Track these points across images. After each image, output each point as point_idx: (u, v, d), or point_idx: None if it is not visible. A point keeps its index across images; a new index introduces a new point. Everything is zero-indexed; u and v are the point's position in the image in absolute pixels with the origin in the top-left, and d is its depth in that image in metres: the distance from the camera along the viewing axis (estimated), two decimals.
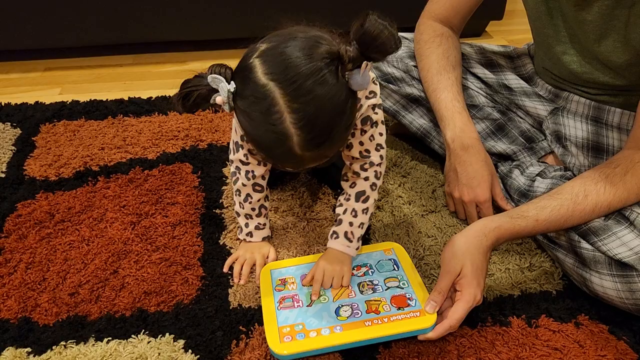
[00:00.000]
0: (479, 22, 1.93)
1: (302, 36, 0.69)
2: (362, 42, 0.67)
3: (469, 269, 0.81)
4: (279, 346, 0.80)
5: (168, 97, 1.51)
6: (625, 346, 0.84)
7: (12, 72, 1.72)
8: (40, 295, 0.92)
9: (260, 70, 0.68)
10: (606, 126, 1.03)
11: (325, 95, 0.67)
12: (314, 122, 0.68)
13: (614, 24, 0.92)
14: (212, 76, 0.71)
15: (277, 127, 0.68)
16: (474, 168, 1.02)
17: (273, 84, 0.67)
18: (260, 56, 0.69)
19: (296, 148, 0.69)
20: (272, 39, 0.71)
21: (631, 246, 0.82)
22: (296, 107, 0.67)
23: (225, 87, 0.70)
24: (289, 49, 0.68)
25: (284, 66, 0.67)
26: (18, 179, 1.19)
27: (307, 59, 0.67)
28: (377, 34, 0.66)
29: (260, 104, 0.68)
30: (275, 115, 0.67)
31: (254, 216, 0.97)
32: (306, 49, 0.68)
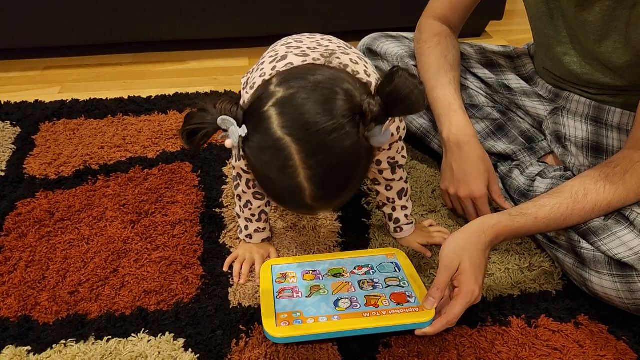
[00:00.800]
0: (479, 22, 1.93)
1: (321, 83, 0.65)
2: (389, 100, 0.63)
3: (467, 264, 0.81)
4: (275, 329, 0.79)
5: (168, 96, 1.51)
6: (625, 346, 0.84)
7: (11, 70, 1.72)
8: (40, 293, 0.92)
9: (276, 122, 0.63)
10: (606, 126, 1.03)
11: (342, 153, 0.64)
12: (329, 178, 0.66)
13: (615, 24, 0.93)
14: (222, 118, 0.65)
15: (291, 180, 0.65)
16: (470, 164, 1.02)
17: (290, 139, 0.63)
18: (276, 105, 0.64)
19: (308, 200, 0.66)
20: (290, 84, 0.66)
21: (631, 246, 0.82)
22: (312, 164, 0.63)
23: (237, 132, 0.65)
24: (308, 102, 0.63)
25: (302, 121, 0.63)
26: (18, 177, 1.19)
27: (327, 115, 0.62)
28: (408, 94, 0.62)
29: (274, 156, 0.64)
30: (289, 169, 0.64)
31: (254, 221, 0.97)
32: (327, 102, 0.63)
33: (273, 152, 0.64)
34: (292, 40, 0.88)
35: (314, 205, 0.68)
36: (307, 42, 0.86)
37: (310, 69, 0.69)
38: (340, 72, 0.70)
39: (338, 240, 1.03)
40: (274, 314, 0.82)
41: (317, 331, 0.80)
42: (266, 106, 0.64)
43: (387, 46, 1.22)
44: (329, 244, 1.02)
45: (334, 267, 0.93)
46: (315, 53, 0.80)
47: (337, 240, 1.03)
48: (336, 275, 0.91)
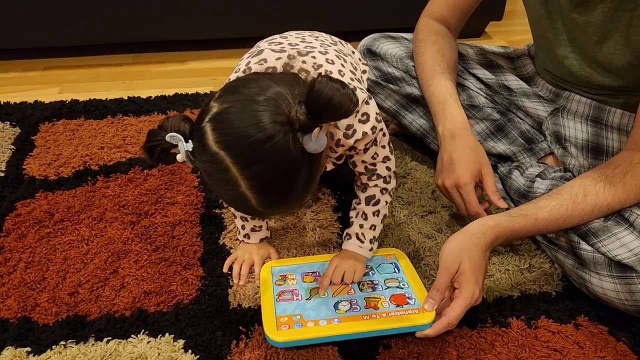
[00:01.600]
0: (479, 22, 1.93)
1: (255, 99, 0.67)
2: (313, 107, 0.63)
3: (467, 266, 0.81)
4: (276, 333, 0.80)
5: (168, 96, 1.51)
6: (625, 347, 0.84)
7: (11, 71, 1.72)
8: (39, 294, 0.92)
9: (211, 137, 0.66)
10: (606, 127, 1.03)
11: (277, 162, 0.66)
12: (269, 187, 0.68)
13: (616, 25, 0.93)
14: (170, 135, 0.69)
15: (234, 191, 0.67)
16: (458, 154, 0.99)
17: (224, 154, 0.65)
18: (211, 121, 0.67)
19: (257, 207, 0.69)
20: (224, 99, 0.68)
21: (631, 247, 0.82)
22: (248, 175, 0.66)
23: (183, 147, 0.69)
24: (238, 116, 0.66)
25: (233, 136, 0.65)
26: (17, 178, 1.19)
27: (256, 127, 0.64)
28: (329, 99, 0.62)
29: (214, 169, 0.67)
30: (230, 181, 0.67)
31: (249, 219, 0.97)
32: (256, 116, 0.65)
33: (212, 165, 0.67)
34: (277, 36, 0.89)
35: (266, 211, 0.71)
36: (291, 38, 0.86)
37: (248, 81, 0.71)
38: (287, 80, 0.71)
39: (338, 242, 1.03)
40: (274, 318, 0.82)
41: (317, 335, 0.80)
42: (203, 122, 0.67)
43: (387, 47, 1.22)
44: (328, 245, 1.02)
45: None
46: (293, 50, 0.81)
47: (337, 241, 1.03)
48: None
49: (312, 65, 0.79)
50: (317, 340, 0.81)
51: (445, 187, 1.00)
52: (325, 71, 0.79)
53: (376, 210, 0.91)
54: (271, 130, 0.64)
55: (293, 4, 1.71)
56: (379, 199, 0.91)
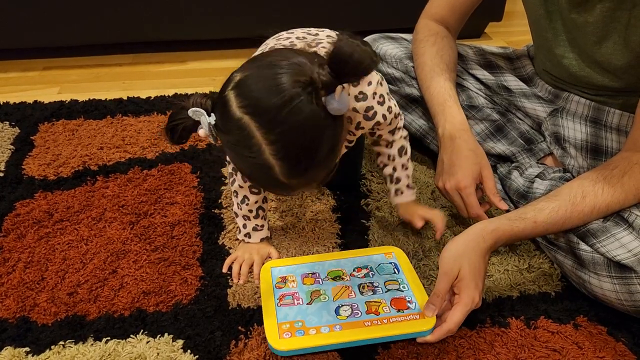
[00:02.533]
0: (478, 23, 1.94)
1: (277, 64, 0.67)
2: (335, 65, 0.64)
3: (467, 271, 0.81)
4: (278, 342, 0.80)
5: (167, 96, 1.51)
6: (624, 347, 0.84)
7: (10, 71, 1.71)
8: (38, 294, 0.92)
9: (234, 103, 0.67)
10: (605, 128, 1.03)
11: (301, 124, 0.66)
12: (294, 151, 0.67)
13: (615, 25, 0.93)
14: (192, 110, 0.70)
15: (258, 159, 0.67)
16: (458, 156, 0.99)
17: (248, 117, 0.66)
18: (234, 88, 0.68)
19: (281, 177, 0.69)
20: (247, 68, 0.70)
21: (630, 248, 0.82)
22: (273, 139, 0.66)
23: (206, 120, 0.69)
24: (261, 80, 0.67)
25: (256, 98, 0.66)
26: (17, 178, 1.19)
27: (279, 88, 0.65)
28: (350, 55, 0.63)
29: (238, 137, 0.67)
30: (254, 148, 0.66)
31: (252, 217, 0.97)
32: (278, 78, 0.66)
33: (237, 132, 0.67)
34: (283, 33, 0.90)
35: (289, 182, 0.70)
36: (297, 33, 0.88)
37: (269, 53, 0.72)
38: (302, 51, 0.72)
39: (337, 242, 1.03)
40: (276, 324, 0.82)
41: (319, 343, 0.80)
42: (226, 90, 0.69)
43: (386, 47, 1.22)
44: (328, 245, 1.02)
45: (333, 269, 0.93)
46: (301, 42, 0.82)
47: (336, 241, 1.03)
48: (336, 278, 0.91)
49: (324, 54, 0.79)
50: (319, 348, 0.81)
51: (446, 190, 1.01)
52: None
53: (407, 157, 0.98)
54: (294, 91, 0.65)
55: (292, 5, 1.72)
56: (406, 147, 0.98)
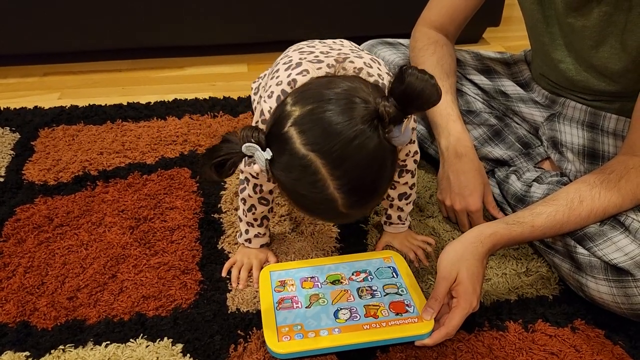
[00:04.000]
0: (476, 28, 1.94)
1: (335, 95, 0.66)
2: (403, 99, 0.63)
3: (464, 275, 0.82)
4: (277, 345, 0.80)
5: (167, 102, 1.51)
6: (622, 351, 0.84)
7: (11, 76, 1.72)
8: (38, 299, 0.92)
9: (298, 141, 0.65)
10: (602, 132, 1.04)
11: (367, 158, 0.65)
12: (358, 185, 0.67)
13: (611, 30, 0.94)
14: (246, 146, 0.67)
15: (321, 194, 0.66)
16: (467, 177, 1.03)
17: (314, 155, 0.64)
18: (295, 124, 0.66)
19: (342, 209, 0.68)
20: (304, 100, 0.67)
21: (626, 251, 0.83)
22: (339, 174, 0.65)
23: (262, 156, 0.67)
24: (326, 115, 0.65)
25: (323, 136, 0.64)
26: (17, 183, 1.20)
27: (346, 124, 0.64)
28: (421, 90, 0.62)
29: (302, 173, 0.66)
30: (318, 184, 0.65)
31: (256, 225, 0.97)
32: (344, 113, 0.64)
33: (300, 169, 0.66)
34: (304, 46, 0.89)
35: (349, 212, 0.69)
36: (319, 47, 0.87)
37: (323, 84, 0.70)
38: (353, 79, 0.71)
39: (336, 246, 1.04)
40: (275, 328, 0.83)
41: (318, 346, 0.81)
42: (286, 127, 0.66)
43: (384, 53, 1.22)
44: (327, 249, 1.03)
45: (332, 273, 0.94)
46: (329, 58, 0.82)
47: (335, 245, 1.04)
48: (334, 282, 0.92)
49: (353, 69, 0.80)
50: (318, 351, 0.81)
51: (455, 209, 1.04)
52: (368, 73, 0.80)
53: (409, 201, 0.99)
54: (361, 127, 0.64)
55: (292, 11, 1.72)
56: (410, 193, 0.98)
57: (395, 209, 1.00)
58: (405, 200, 0.98)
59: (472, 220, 1.03)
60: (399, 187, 0.96)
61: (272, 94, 0.79)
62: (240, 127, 1.39)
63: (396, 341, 0.83)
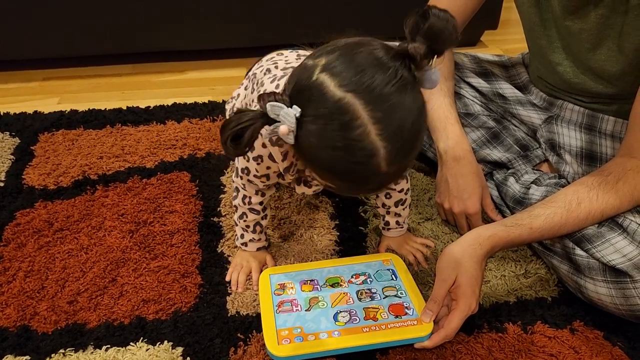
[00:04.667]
0: (474, 31, 1.95)
1: (360, 41, 0.63)
2: (430, 36, 0.60)
3: (463, 277, 0.82)
4: (277, 348, 0.80)
5: (166, 106, 1.52)
6: (620, 352, 0.84)
7: (10, 81, 1.72)
8: (39, 303, 0.93)
9: (332, 83, 0.61)
10: (600, 134, 1.05)
11: (406, 99, 0.62)
12: (401, 129, 0.62)
13: (608, 32, 0.94)
14: (271, 104, 0.62)
15: (361, 142, 0.61)
16: (465, 180, 1.03)
17: (351, 95, 0.60)
18: (325, 70, 0.62)
19: (382, 164, 0.62)
20: (326, 52, 0.64)
21: (624, 252, 0.83)
22: (380, 116, 0.60)
23: (291, 112, 0.62)
24: (359, 55, 0.62)
25: (359, 74, 0.60)
26: (17, 187, 1.20)
27: (380, 63, 0.61)
28: (445, 26, 0.60)
29: (338, 121, 0.60)
30: (358, 130, 0.60)
31: (249, 231, 0.98)
32: (373, 53, 0.61)
33: (337, 116, 0.61)
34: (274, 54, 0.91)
35: (388, 170, 0.63)
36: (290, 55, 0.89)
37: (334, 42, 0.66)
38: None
39: (335, 249, 1.04)
40: (275, 331, 0.83)
41: (318, 349, 0.81)
42: (314, 76, 0.62)
43: None
44: (326, 252, 1.03)
45: (332, 276, 0.94)
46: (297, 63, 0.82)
47: (334, 248, 1.04)
48: (334, 285, 0.92)
49: None
50: (318, 354, 0.82)
51: (454, 212, 1.05)
52: None
53: (405, 206, 1.00)
54: (395, 63, 0.61)
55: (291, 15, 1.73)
56: (405, 199, 0.98)
57: (393, 215, 1.01)
58: (401, 206, 0.99)
59: (471, 223, 1.04)
60: (395, 194, 0.97)
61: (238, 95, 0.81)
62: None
63: (395, 344, 0.84)
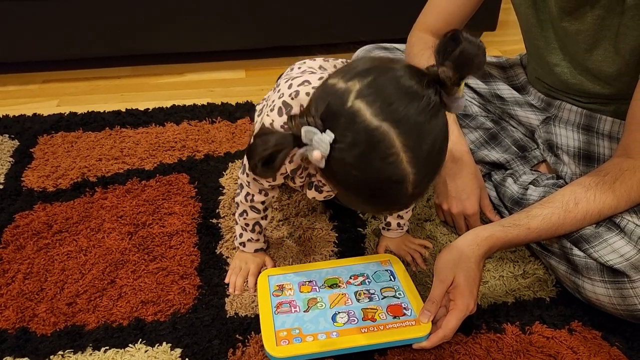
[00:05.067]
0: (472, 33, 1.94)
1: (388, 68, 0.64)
2: (460, 62, 0.62)
3: (461, 278, 0.82)
4: (276, 349, 0.80)
5: (165, 108, 1.52)
6: (618, 352, 0.85)
7: (10, 84, 1.73)
8: (38, 305, 0.93)
9: (368, 112, 0.61)
10: (597, 135, 1.05)
11: (435, 125, 0.64)
12: (430, 155, 0.64)
13: (605, 33, 0.94)
14: (306, 128, 0.62)
15: (393, 170, 0.62)
16: (463, 181, 1.03)
17: (387, 125, 0.61)
18: (360, 97, 0.62)
19: (409, 187, 0.64)
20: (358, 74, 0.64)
21: (622, 252, 0.83)
22: (412, 145, 0.62)
23: (326, 139, 0.62)
24: (390, 85, 0.63)
25: (394, 104, 0.61)
26: (16, 190, 1.20)
27: (412, 91, 0.62)
28: (476, 53, 0.62)
29: (373, 149, 0.62)
30: (391, 158, 0.61)
31: (248, 230, 0.98)
32: (405, 80, 0.63)
33: (373, 144, 0.62)
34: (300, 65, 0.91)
35: (413, 192, 0.65)
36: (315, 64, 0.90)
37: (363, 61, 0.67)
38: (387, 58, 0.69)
39: (334, 250, 1.04)
40: (274, 332, 0.83)
41: (316, 350, 0.81)
42: (349, 101, 0.62)
43: None
44: (325, 254, 1.03)
45: (330, 277, 0.94)
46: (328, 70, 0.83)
47: (332, 249, 1.04)
48: (332, 286, 0.92)
49: None
50: (316, 355, 0.82)
51: (452, 213, 1.05)
52: None
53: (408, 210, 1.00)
54: (427, 90, 0.63)
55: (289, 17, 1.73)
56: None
57: (395, 217, 1.01)
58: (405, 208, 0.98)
59: (469, 224, 1.04)
60: None
61: (274, 107, 0.78)
62: (238, 132, 1.40)
63: (394, 344, 0.84)
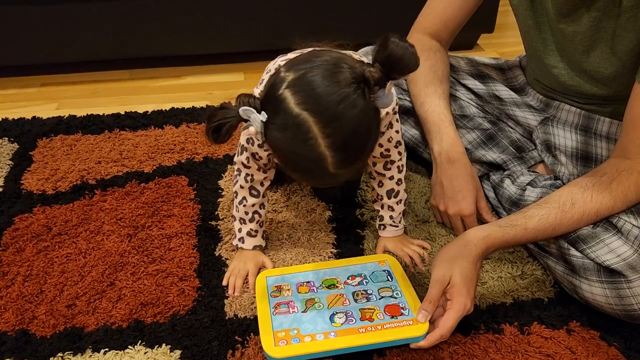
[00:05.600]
0: (471, 35, 1.96)
1: (325, 62, 0.72)
2: (387, 64, 0.69)
3: (458, 278, 0.83)
4: (274, 350, 0.81)
5: (164, 111, 1.52)
6: (616, 352, 0.85)
7: (9, 87, 1.73)
8: (37, 307, 0.93)
9: (292, 101, 0.70)
10: (595, 136, 1.05)
11: (355, 118, 0.71)
12: (347, 143, 0.72)
13: (601, 35, 0.95)
14: (243, 109, 0.73)
15: (313, 151, 0.71)
16: (460, 182, 1.04)
17: (306, 114, 0.70)
18: (289, 87, 0.71)
19: (331, 167, 0.72)
20: (296, 67, 0.73)
21: (619, 253, 0.83)
22: (329, 132, 0.70)
23: (258, 118, 0.73)
24: (317, 77, 0.71)
25: (314, 96, 0.70)
26: (15, 193, 1.20)
27: (335, 85, 0.70)
28: (401, 56, 0.68)
29: (294, 132, 0.71)
30: (310, 142, 0.70)
31: (247, 221, 0.98)
32: (333, 75, 0.70)
33: (294, 128, 0.71)
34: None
35: (337, 172, 0.74)
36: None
37: (314, 54, 0.75)
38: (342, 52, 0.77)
39: (332, 251, 1.04)
40: (272, 332, 0.83)
41: (315, 350, 0.81)
42: (280, 89, 0.72)
43: None
44: (323, 255, 1.03)
45: (328, 278, 0.94)
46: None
47: (331, 251, 1.04)
48: (330, 286, 0.93)
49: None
50: (314, 355, 0.82)
51: (449, 214, 1.05)
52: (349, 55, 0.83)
53: (398, 200, 1.01)
54: (348, 89, 0.70)
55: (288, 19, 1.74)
56: (398, 190, 1.01)
57: (386, 209, 1.02)
58: (394, 198, 1.00)
59: (466, 225, 1.04)
60: (386, 182, 0.99)
61: (262, 82, 0.85)
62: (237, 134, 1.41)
63: (392, 344, 0.84)
